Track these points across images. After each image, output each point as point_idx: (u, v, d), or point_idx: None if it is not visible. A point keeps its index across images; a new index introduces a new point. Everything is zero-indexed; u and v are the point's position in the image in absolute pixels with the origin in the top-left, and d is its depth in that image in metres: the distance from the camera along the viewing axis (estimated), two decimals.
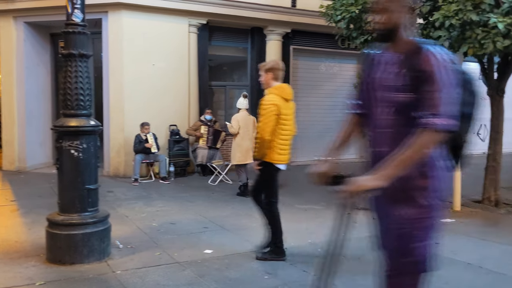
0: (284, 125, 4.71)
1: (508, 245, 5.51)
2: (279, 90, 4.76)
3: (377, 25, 2.33)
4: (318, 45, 12.42)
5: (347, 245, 5.51)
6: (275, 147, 4.65)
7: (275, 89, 4.77)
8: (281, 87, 4.82)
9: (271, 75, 4.80)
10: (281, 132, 4.66)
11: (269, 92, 4.78)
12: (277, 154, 4.69)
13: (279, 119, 4.62)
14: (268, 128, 4.57)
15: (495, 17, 5.81)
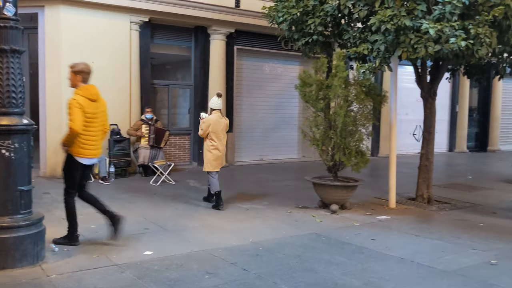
0: (89, 123, 5.02)
1: (438, 240, 5.82)
2: (84, 91, 5.06)
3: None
4: (262, 46, 12.53)
5: (289, 242, 5.65)
6: (79, 142, 4.97)
7: (80, 90, 5.06)
8: (86, 88, 5.10)
9: (80, 78, 5.11)
10: (84, 129, 4.96)
11: (75, 93, 5.05)
12: (79, 148, 5.01)
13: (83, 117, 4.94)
14: (78, 122, 4.87)
15: (427, 23, 6.11)
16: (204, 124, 7.20)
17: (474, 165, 13.93)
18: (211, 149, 7.20)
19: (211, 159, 7.19)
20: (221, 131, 7.26)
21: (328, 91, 7.18)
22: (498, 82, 15.95)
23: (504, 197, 8.64)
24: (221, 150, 7.27)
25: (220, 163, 7.29)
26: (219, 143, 7.22)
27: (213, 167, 7.21)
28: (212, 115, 7.27)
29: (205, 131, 7.18)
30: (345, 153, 7.17)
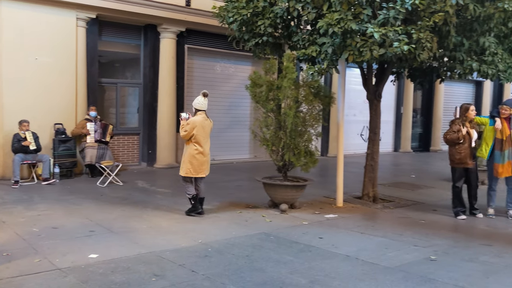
0: None
1: (382, 237, 6.01)
2: None
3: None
4: (213, 46, 12.49)
5: (238, 243, 5.67)
6: None
7: None
8: None
9: None
10: None
11: None
12: None
13: None
14: None
15: (372, 27, 6.30)
16: (189, 125, 6.58)
17: (417, 165, 14.49)
18: (195, 153, 6.61)
19: (195, 164, 6.62)
20: (207, 134, 6.75)
21: (278, 92, 7.26)
22: (440, 85, 16.65)
23: (444, 195, 9.03)
24: (206, 155, 6.73)
25: (204, 169, 6.75)
26: (204, 147, 6.69)
27: (197, 173, 6.67)
28: (197, 116, 6.71)
29: (189, 133, 6.57)
30: (294, 153, 7.28)
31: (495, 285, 4.46)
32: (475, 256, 5.34)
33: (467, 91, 20.31)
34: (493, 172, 7.20)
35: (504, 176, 7.15)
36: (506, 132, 7.06)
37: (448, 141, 7.23)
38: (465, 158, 7.14)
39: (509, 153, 7.05)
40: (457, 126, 7.13)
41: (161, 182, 10.01)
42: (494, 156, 7.14)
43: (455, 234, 6.33)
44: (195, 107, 6.82)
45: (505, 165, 7.07)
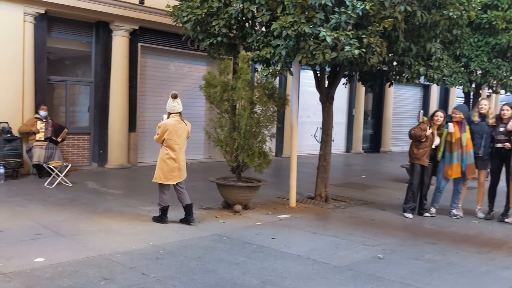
0: None
1: (333, 237, 6.14)
2: None
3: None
4: (167, 44, 12.34)
5: (191, 244, 5.63)
6: None
7: None
8: None
9: None
10: None
11: None
12: None
13: None
14: None
15: (324, 31, 6.42)
16: (160, 128, 6.26)
17: (368, 165, 14.89)
18: (166, 158, 6.28)
19: (165, 169, 6.28)
20: (180, 138, 6.35)
21: (233, 93, 7.27)
22: (390, 88, 17.18)
23: (392, 195, 9.34)
24: (178, 160, 6.35)
25: (177, 175, 6.37)
26: (177, 152, 6.33)
27: (167, 179, 6.32)
28: (169, 119, 6.35)
29: (160, 137, 6.26)
30: (248, 154, 7.30)
31: (438, 282, 4.65)
32: (421, 254, 5.55)
33: (415, 94, 21.07)
34: (443, 173, 7.51)
35: (454, 177, 7.47)
36: (456, 135, 7.38)
37: (411, 136, 7.47)
38: (423, 156, 7.41)
39: (458, 155, 7.36)
40: (424, 125, 7.39)
41: (113, 183, 9.79)
42: (445, 157, 7.45)
43: (402, 233, 6.55)
44: (168, 110, 6.47)
45: (454, 167, 7.38)
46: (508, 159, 7.36)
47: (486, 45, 10.69)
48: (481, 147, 7.49)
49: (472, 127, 7.52)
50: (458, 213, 7.63)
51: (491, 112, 7.56)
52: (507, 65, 10.63)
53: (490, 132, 7.46)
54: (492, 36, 10.65)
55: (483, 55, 10.66)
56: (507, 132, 7.33)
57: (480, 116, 7.56)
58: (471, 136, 7.45)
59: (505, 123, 7.38)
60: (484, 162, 7.59)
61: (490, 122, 7.47)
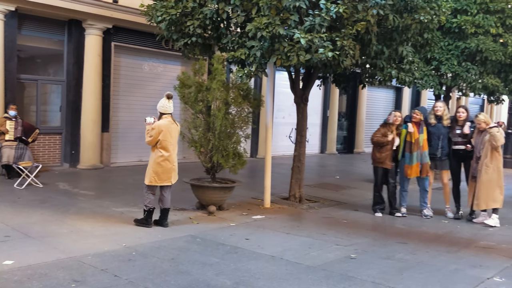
0: None
1: (307, 237, 6.19)
2: None
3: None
4: (141, 44, 12.21)
5: (164, 246, 5.60)
6: None
7: None
8: None
9: None
10: None
11: None
12: None
13: None
14: None
15: (298, 33, 6.47)
16: (154, 130, 6.13)
17: (342, 166, 15.06)
18: (160, 160, 6.17)
19: (159, 171, 6.18)
20: (173, 139, 6.31)
21: (207, 93, 7.26)
22: (363, 90, 17.41)
23: (365, 195, 9.46)
24: (172, 161, 6.28)
25: (170, 177, 6.29)
26: (171, 153, 6.26)
27: (162, 181, 6.24)
28: (162, 120, 6.25)
29: (154, 139, 6.14)
30: (223, 155, 7.30)
31: (408, 281, 4.74)
32: (392, 253, 5.65)
33: (387, 96, 21.42)
34: (403, 172, 7.69)
35: (413, 176, 7.66)
36: (415, 135, 7.56)
37: (374, 143, 7.67)
38: (385, 159, 7.59)
39: (417, 155, 7.55)
40: (384, 130, 7.54)
41: (85, 184, 9.64)
42: (405, 157, 7.63)
43: (374, 233, 6.66)
44: (160, 110, 6.33)
45: (414, 167, 7.58)
46: (468, 160, 7.60)
47: (456, 49, 10.95)
48: (438, 148, 7.70)
49: (430, 129, 7.74)
50: (429, 213, 7.80)
51: (446, 114, 7.80)
52: (476, 69, 10.91)
53: (447, 133, 7.69)
54: (462, 40, 10.92)
55: (453, 59, 10.91)
56: (464, 135, 7.57)
57: (436, 118, 7.78)
58: (429, 137, 7.67)
59: (461, 125, 7.63)
60: (443, 162, 7.80)
61: (445, 124, 7.70)
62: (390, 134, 7.54)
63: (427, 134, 7.66)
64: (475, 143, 7.47)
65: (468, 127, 7.60)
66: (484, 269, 5.24)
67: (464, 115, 7.68)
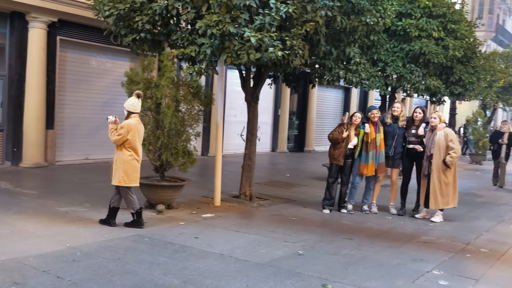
0: None
1: (256, 235, 6.24)
2: None
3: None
4: (89, 39, 11.85)
5: (110, 246, 5.48)
6: None
7: None
8: None
9: None
10: None
11: None
12: None
13: None
14: None
15: (249, 31, 6.49)
16: (124, 129, 6.05)
17: (292, 164, 15.27)
18: (130, 159, 6.09)
19: (129, 171, 6.08)
20: (141, 139, 6.29)
21: (156, 90, 7.15)
22: (313, 89, 17.71)
23: (314, 192, 9.64)
24: (140, 161, 6.24)
25: (138, 177, 6.22)
26: (139, 153, 6.21)
27: (131, 181, 6.11)
28: (131, 119, 6.17)
29: (123, 137, 6.05)
30: (172, 153, 7.22)
31: (353, 276, 4.88)
32: (338, 249, 5.79)
33: (337, 96, 21.92)
34: (358, 170, 7.90)
35: (369, 175, 7.89)
36: (371, 135, 7.78)
37: (330, 140, 7.88)
38: (339, 157, 7.80)
39: (373, 154, 7.78)
40: (341, 128, 7.73)
41: (28, 183, 9.27)
42: (361, 156, 7.84)
43: (322, 229, 6.80)
44: (128, 109, 6.22)
45: (369, 166, 7.81)
46: (419, 159, 7.91)
47: (401, 51, 11.34)
48: (391, 148, 7.98)
49: (385, 128, 7.98)
50: (369, 209, 8.05)
51: (403, 115, 8.06)
52: (419, 71, 11.35)
53: (401, 134, 7.96)
54: (406, 43, 11.33)
55: (398, 61, 11.30)
56: (418, 135, 7.87)
57: (392, 118, 8.04)
58: (384, 136, 7.91)
59: (417, 126, 7.91)
60: (395, 161, 8.08)
61: (401, 125, 7.97)
62: (345, 132, 7.72)
63: (383, 134, 7.89)
64: (426, 142, 7.78)
65: (423, 128, 7.87)
66: (424, 262, 5.48)
67: (421, 116, 7.96)
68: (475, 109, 22.14)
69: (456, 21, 11.63)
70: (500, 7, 37.96)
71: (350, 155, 7.88)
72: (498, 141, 12.06)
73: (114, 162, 6.24)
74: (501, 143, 12.01)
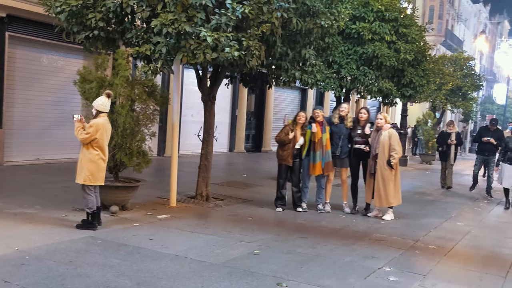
0: None
1: (212, 235, 6.23)
2: None
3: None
4: (40, 35, 11.46)
5: (61, 248, 5.32)
6: None
7: None
8: None
9: None
10: None
11: None
12: None
13: None
14: None
15: (205, 31, 6.48)
16: (93, 128, 6.01)
17: (250, 164, 15.33)
18: (97, 159, 6.07)
19: (95, 171, 6.06)
20: (108, 139, 6.29)
21: (110, 89, 7.00)
22: (270, 90, 17.83)
23: (271, 192, 9.69)
24: (106, 161, 6.26)
25: (103, 176, 6.23)
26: (106, 152, 6.23)
27: (96, 180, 6.10)
28: (100, 118, 6.15)
29: (91, 136, 6.00)
30: (126, 153, 7.10)
31: (307, 274, 4.97)
32: (293, 248, 5.88)
33: (293, 97, 22.18)
34: (307, 170, 8.06)
35: (316, 174, 8.05)
36: (318, 135, 7.95)
37: (277, 142, 8.05)
38: (287, 157, 7.94)
39: (320, 154, 7.96)
40: (287, 129, 7.86)
41: None
42: (309, 156, 8.00)
43: (277, 229, 6.87)
44: (98, 108, 6.18)
45: (317, 165, 7.99)
46: (366, 159, 8.15)
47: (355, 54, 11.62)
48: (338, 147, 8.18)
49: (332, 128, 8.19)
50: (323, 207, 8.22)
51: (350, 115, 8.29)
52: (372, 73, 11.66)
53: (348, 134, 8.19)
54: (360, 46, 11.61)
55: (352, 63, 11.57)
56: (364, 135, 8.11)
57: (339, 118, 8.25)
58: (331, 136, 8.10)
59: (362, 126, 8.16)
60: (342, 160, 8.29)
61: (348, 125, 8.19)
62: (291, 133, 7.86)
63: (330, 133, 8.08)
64: (372, 142, 8.01)
65: (368, 128, 8.11)
66: (376, 260, 5.64)
67: (366, 116, 8.20)
68: (425, 111, 22.95)
69: (407, 26, 12.03)
70: (449, 12, 39.51)
71: (297, 154, 8.03)
72: (447, 142, 12.47)
73: (79, 160, 6.16)
74: (450, 143, 12.39)
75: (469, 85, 22.19)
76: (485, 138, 11.42)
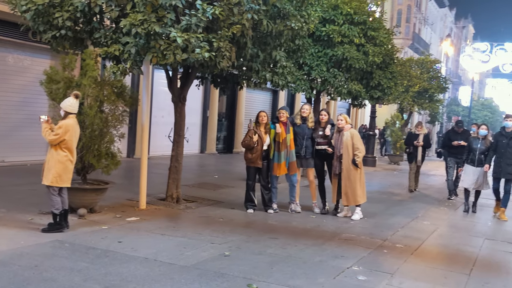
0: None
1: (182, 237, 6.19)
2: None
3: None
4: (5, 34, 11.16)
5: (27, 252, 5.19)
6: None
7: None
8: None
9: None
10: None
11: None
12: None
13: None
14: None
15: (175, 31, 6.43)
16: (61, 129, 5.92)
17: (221, 166, 15.30)
18: (65, 160, 5.99)
19: (62, 172, 5.97)
20: (76, 140, 6.20)
21: (78, 89, 6.87)
22: (242, 91, 17.85)
23: (242, 193, 9.64)
24: (74, 162, 6.18)
25: (70, 178, 6.12)
26: (74, 154, 6.15)
27: (63, 182, 6.00)
28: (69, 119, 6.06)
29: (60, 138, 5.90)
30: (94, 155, 6.99)
31: (278, 274, 5.00)
32: (264, 249, 5.90)
33: (265, 98, 22.24)
34: (273, 171, 8.11)
35: (281, 174, 8.14)
36: (282, 135, 8.03)
37: (244, 147, 8.08)
38: (256, 159, 8.00)
39: (285, 154, 8.04)
40: (251, 132, 7.89)
41: None
42: (274, 156, 8.07)
43: (248, 230, 6.88)
44: (66, 109, 6.09)
45: (281, 165, 8.08)
46: (330, 159, 8.28)
47: (325, 56, 11.75)
48: (303, 147, 8.28)
49: (295, 129, 8.29)
50: (297, 208, 8.28)
51: (311, 116, 8.41)
52: (342, 75, 11.82)
53: (311, 134, 8.29)
54: (330, 48, 11.76)
55: (323, 65, 11.70)
56: (325, 136, 8.25)
57: (301, 119, 8.36)
58: (294, 137, 8.21)
59: (323, 127, 8.30)
60: (307, 161, 8.40)
61: (310, 126, 8.31)
62: (254, 136, 7.92)
63: (293, 134, 8.16)
64: (335, 143, 8.14)
65: (329, 129, 8.25)
66: (345, 259, 5.72)
67: (326, 118, 8.36)
68: (393, 113, 23.40)
69: (375, 29, 12.25)
70: (416, 16, 40.43)
71: (266, 156, 8.08)
72: (414, 143, 12.60)
73: (46, 161, 6.06)
74: (417, 145, 12.44)
75: (436, 87, 22.72)
76: (455, 142, 11.38)
